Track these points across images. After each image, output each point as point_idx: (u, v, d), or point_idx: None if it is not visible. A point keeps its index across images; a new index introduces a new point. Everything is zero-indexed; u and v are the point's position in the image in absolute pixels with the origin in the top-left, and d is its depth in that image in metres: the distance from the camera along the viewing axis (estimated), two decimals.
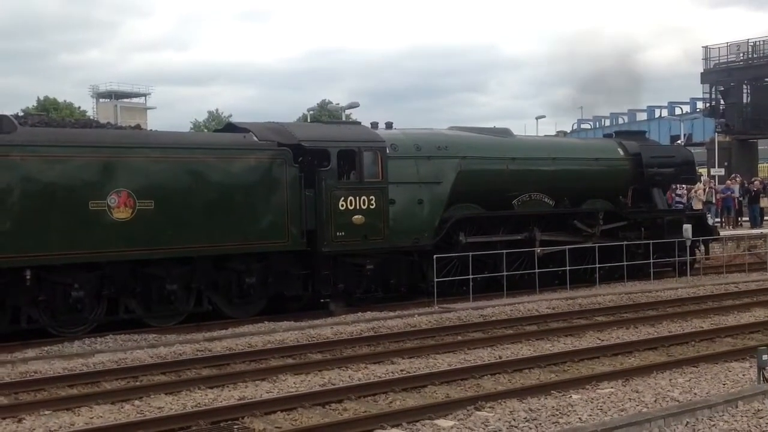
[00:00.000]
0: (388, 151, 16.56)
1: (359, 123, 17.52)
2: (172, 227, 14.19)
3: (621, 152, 20.95)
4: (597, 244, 19.19)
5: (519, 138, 20.60)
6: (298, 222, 15.36)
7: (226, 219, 14.69)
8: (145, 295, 14.43)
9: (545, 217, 19.16)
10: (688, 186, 27.94)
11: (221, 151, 14.98)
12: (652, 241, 19.98)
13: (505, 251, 17.62)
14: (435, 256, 16.52)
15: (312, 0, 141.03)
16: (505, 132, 19.92)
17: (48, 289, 13.53)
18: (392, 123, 18.27)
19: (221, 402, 9.54)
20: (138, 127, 16.14)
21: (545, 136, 25.25)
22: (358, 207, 15.99)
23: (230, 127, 16.72)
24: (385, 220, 16.33)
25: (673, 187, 25.67)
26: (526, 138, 22.45)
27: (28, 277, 13.13)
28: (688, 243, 20.34)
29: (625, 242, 19.64)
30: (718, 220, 31.13)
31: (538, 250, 18.39)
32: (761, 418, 8.24)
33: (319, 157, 15.92)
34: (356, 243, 16.08)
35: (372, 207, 16.15)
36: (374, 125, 17.87)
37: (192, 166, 14.53)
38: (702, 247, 21.96)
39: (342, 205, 15.82)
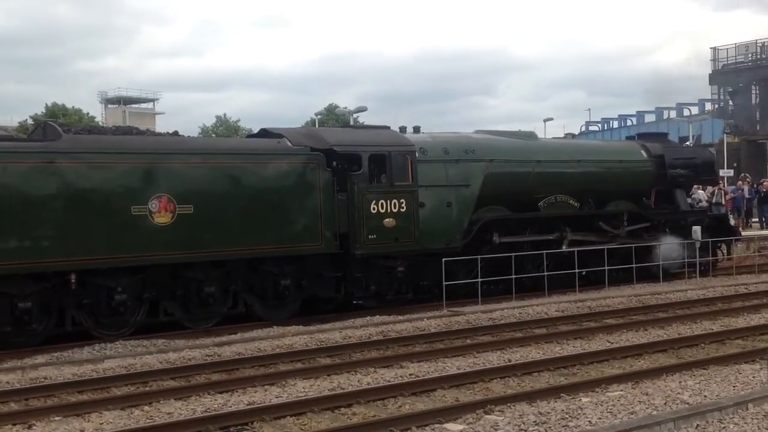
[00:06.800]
0: (417, 155, 16.79)
1: (388, 127, 17.73)
2: (210, 231, 14.41)
3: (644, 154, 21.11)
4: (608, 246, 19.17)
5: (544, 141, 20.81)
6: (331, 225, 15.59)
7: (262, 222, 14.91)
8: (184, 298, 14.68)
9: (570, 218, 19.34)
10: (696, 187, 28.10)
11: (257, 156, 15.24)
12: (662, 243, 20.12)
13: (522, 253, 17.74)
14: (444, 259, 16.56)
15: (327, 5, 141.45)
16: (531, 135, 20.11)
17: (92, 293, 13.78)
18: (420, 127, 18.47)
19: (231, 407, 9.46)
20: (176, 133, 16.34)
21: (556, 137, 25.33)
22: (389, 210, 16.21)
23: (264, 133, 16.96)
24: (415, 222, 16.54)
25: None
26: (551, 141, 22.66)
27: (73, 280, 13.39)
28: (698, 245, 20.43)
29: (635, 244, 19.74)
30: None
31: (564, 248, 18.57)
32: None
33: (351, 162, 16.14)
34: (388, 245, 16.28)
35: (403, 210, 16.37)
36: (402, 129, 18.08)
37: (229, 171, 14.76)
38: (724, 248, 22.13)
39: (373, 209, 16.03)
